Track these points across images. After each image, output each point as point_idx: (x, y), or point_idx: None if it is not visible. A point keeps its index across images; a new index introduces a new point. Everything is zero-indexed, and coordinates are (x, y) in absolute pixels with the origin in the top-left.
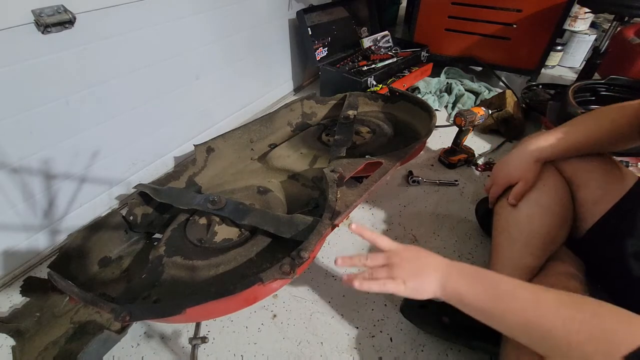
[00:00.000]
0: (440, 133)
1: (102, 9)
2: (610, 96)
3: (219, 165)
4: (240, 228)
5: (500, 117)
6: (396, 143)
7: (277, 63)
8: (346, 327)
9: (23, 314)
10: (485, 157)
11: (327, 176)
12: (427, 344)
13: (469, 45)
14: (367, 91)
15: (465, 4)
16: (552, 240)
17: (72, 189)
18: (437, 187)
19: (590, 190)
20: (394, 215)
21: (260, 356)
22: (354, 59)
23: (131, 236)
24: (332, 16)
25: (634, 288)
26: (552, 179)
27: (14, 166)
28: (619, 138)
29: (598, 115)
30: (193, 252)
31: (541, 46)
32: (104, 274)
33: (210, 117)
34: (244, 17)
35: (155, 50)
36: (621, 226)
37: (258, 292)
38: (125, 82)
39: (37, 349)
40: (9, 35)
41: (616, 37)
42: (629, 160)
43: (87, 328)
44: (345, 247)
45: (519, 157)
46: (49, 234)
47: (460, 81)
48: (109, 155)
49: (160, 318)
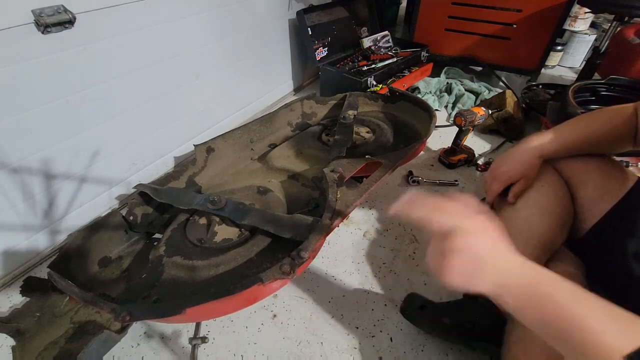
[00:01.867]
0: (440, 133)
1: (102, 9)
2: (610, 96)
3: (219, 165)
4: (240, 228)
5: (500, 117)
6: (396, 143)
7: (277, 63)
8: (346, 327)
9: (23, 314)
10: (485, 157)
11: (327, 176)
12: (427, 344)
13: (469, 45)
14: (367, 91)
15: (465, 4)
16: (552, 241)
17: (72, 189)
18: (437, 187)
19: (589, 190)
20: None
21: (260, 356)
22: (354, 59)
23: (131, 236)
24: (332, 16)
25: (635, 288)
26: (551, 179)
27: (14, 166)
28: (617, 139)
29: (597, 115)
30: (193, 252)
31: (541, 46)
32: (104, 274)
33: (210, 117)
34: (244, 17)
35: (155, 50)
36: (621, 226)
37: (258, 292)
38: (125, 82)
39: (37, 349)
40: (9, 35)
41: (616, 37)
42: (629, 160)
43: (87, 328)
44: (345, 247)
45: (521, 154)
46: (49, 234)
47: (460, 81)
48: (109, 155)
49: (160, 318)
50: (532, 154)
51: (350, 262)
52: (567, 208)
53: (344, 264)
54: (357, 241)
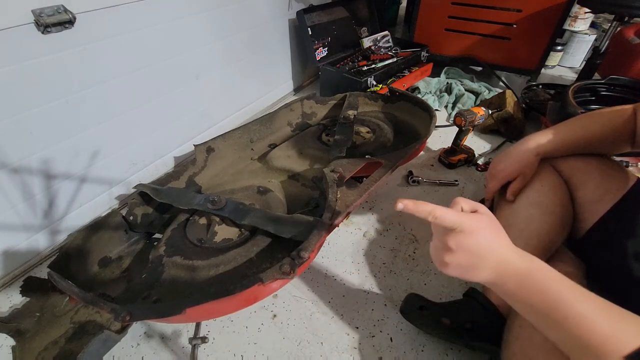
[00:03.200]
0: (440, 133)
1: (102, 9)
2: (610, 96)
3: (219, 165)
4: (240, 228)
5: (500, 117)
6: (396, 143)
7: (277, 63)
8: (346, 327)
9: (23, 314)
10: (485, 157)
11: (327, 176)
12: (427, 344)
13: (469, 45)
14: (367, 91)
15: (465, 4)
16: (552, 241)
17: (72, 189)
18: (437, 187)
19: (589, 190)
20: (394, 215)
21: (260, 356)
22: (354, 59)
23: (131, 236)
24: (332, 16)
25: (635, 288)
26: (551, 179)
27: (14, 166)
28: (616, 140)
29: (597, 116)
30: (193, 252)
31: (541, 46)
32: (104, 274)
33: (210, 117)
34: (244, 17)
35: (155, 50)
36: (621, 226)
37: (258, 292)
38: (125, 82)
39: (37, 349)
40: (9, 35)
41: (616, 37)
42: (629, 160)
43: (87, 328)
44: (345, 247)
45: (519, 153)
46: (49, 234)
47: (460, 81)
48: (109, 155)
49: (160, 318)
50: (529, 152)
51: (350, 262)
52: (567, 208)
53: (344, 264)
54: (357, 241)
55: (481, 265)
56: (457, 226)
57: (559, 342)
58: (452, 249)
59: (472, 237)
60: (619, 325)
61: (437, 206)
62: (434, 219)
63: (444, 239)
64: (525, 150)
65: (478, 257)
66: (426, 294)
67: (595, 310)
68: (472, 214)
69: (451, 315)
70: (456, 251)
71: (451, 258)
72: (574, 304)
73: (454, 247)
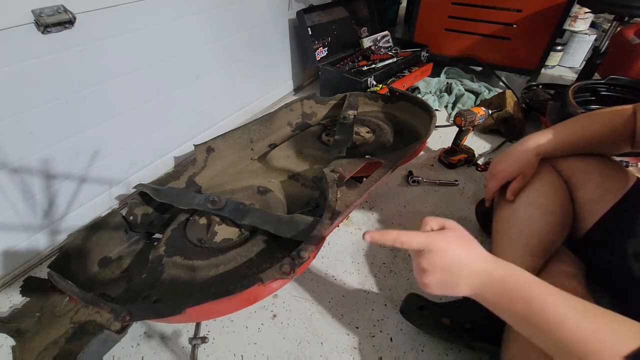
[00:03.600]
0: (440, 133)
1: (102, 9)
2: (610, 96)
3: (219, 165)
4: (240, 228)
5: (500, 117)
6: (396, 143)
7: (277, 63)
8: (346, 327)
9: (23, 314)
10: (485, 157)
11: (327, 176)
12: (427, 344)
13: (469, 45)
14: (367, 91)
15: (465, 4)
16: (552, 241)
17: (72, 189)
18: (437, 187)
19: (589, 190)
20: (394, 215)
21: (260, 356)
22: (354, 59)
23: (131, 236)
24: (332, 16)
25: (635, 288)
26: (551, 179)
27: (14, 166)
28: (615, 140)
29: (597, 116)
30: (193, 252)
31: (541, 46)
32: (104, 274)
33: (210, 117)
34: (244, 17)
35: (155, 50)
36: (621, 226)
37: (258, 292)
38: (125, 82)
39: (37, 349)
40: (9, 35)
41: (616, 37)
42: (629, 160)
43: (87, 328)
44: (345, 247)
45: (518, 152)
46: (49, 234)
47: (460, 81)
48: (109, 155)
49: (160, 318)
50: (529, 151)
51: (350, 262)
52: (567, 208)
53: (344, 264)
54: (357, 241)
55: (457, 281)
56: (425, 247)
57: (543, 346)
58: (426, 269)
59: (441, 255)
60: (598, 326)
61: (403, 232)
62: (401, 244)
63: (417, 262)
64: (525, 150)
65: (451, 273)
66: (426, 294)
67: (574, 312)
68: (439, 232)
69: (451, 315)
70: (431, 271)
71: (428, 278)
72: (553, 308)
73: (428, 268)
